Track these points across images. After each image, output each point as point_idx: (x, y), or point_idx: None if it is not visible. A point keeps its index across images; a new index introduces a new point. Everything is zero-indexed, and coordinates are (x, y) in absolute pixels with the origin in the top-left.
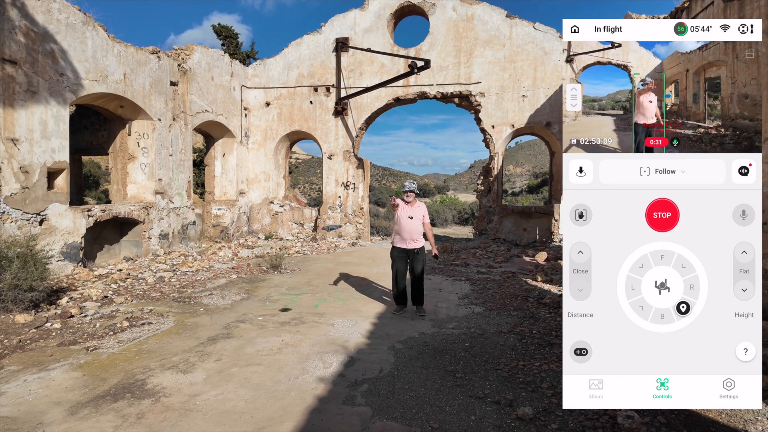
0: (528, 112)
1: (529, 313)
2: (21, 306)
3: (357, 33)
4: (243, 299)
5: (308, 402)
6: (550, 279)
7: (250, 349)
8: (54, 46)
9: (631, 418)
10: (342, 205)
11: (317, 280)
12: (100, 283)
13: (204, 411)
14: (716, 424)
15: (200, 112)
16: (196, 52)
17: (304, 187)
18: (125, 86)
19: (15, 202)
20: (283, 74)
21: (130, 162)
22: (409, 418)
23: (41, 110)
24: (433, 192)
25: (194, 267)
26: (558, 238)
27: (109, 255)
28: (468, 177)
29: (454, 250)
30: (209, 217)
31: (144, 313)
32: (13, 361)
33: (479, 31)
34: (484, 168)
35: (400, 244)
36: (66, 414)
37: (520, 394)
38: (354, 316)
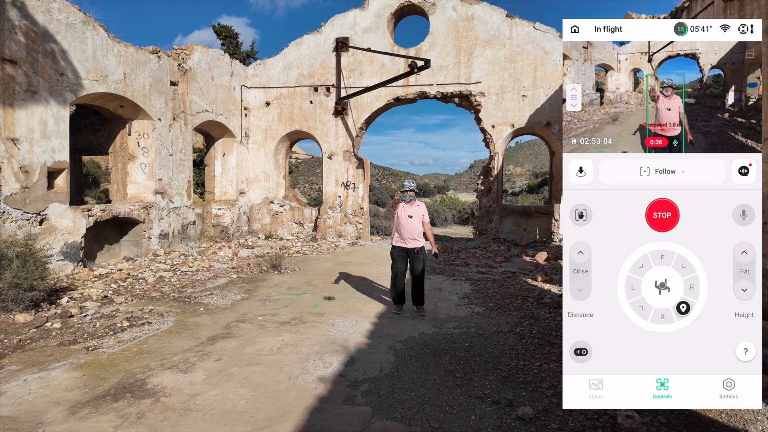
0: (528, 112)
1: (529, 312)
2: (21, 306)
3: (357, 33)
4: (243, 299)
5: (308, 402)
6: (550, 279)
7: (250, 349)
8: (54, 45)
9: (631, 418)
10: (342, 205)
11: (317, 279)
12: (100, 282)
13: (204, 411)
14: (716, 424)
15: (200, 112)
16: (196, 51)
17: (304, 187)
18: (125, 86)
19: (15, 201)
20: (283, 74)
21: (130, 162)
22: (409, 418)
23: (41, 110)
24: (433, 192)
25: (194, 267)
26: (558, 238)
27: (109, 255)
28: (468, 177)
29: (454, 250)
30: (209, 217)
31: (144, 312)
32: (13, 361)
33: (479, 31)
34: (484, 168)
35: (399, 244)
36: (66, 414)
37: (520, 394)
38: (354, 316)
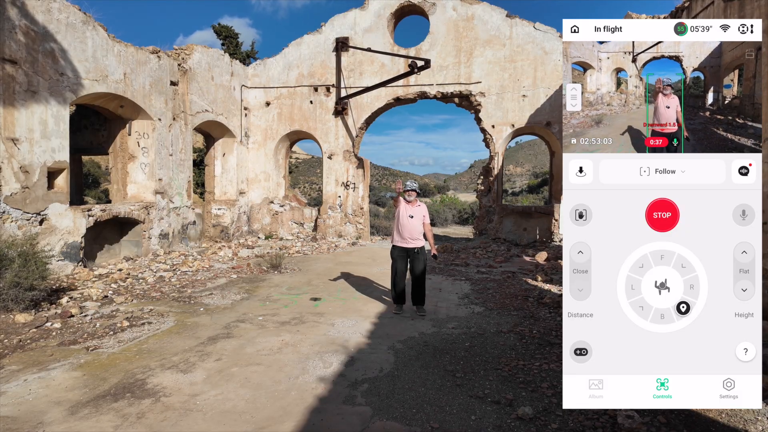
0: (528, 112)
1: (529, 312)
2: (21, 305)
3: (357, 33)
4: (243, 299)
5: (308, 402)
6: (550, 279)
7: (250, 349)
8: (54, 45)
9: (631, 418)
10: (342, 205)
11: (317, 279)
12: (100, 282)
13: (204, 411)
14: (716, 424)
15: (200, 112)
16: (196, 51)
17: (304, 187)
18: (125, 86)
19: (15, 201)
20: (284, 74)
21: (130, 162)
22: (409, 418)
23: (41, 110)
24: (434, 192)
25: (194, 267)
26: (558, 238)
27: (109, 255)
28: (468, 177)
29: (454, 250)
30: (209, 217)
31: (144, 312)
32: (13, 361)
33: (479, 31)
34: (484, 168)
35: (400, 243)
36: (66, 414)
37: (520, 394)
38: (354, 316)
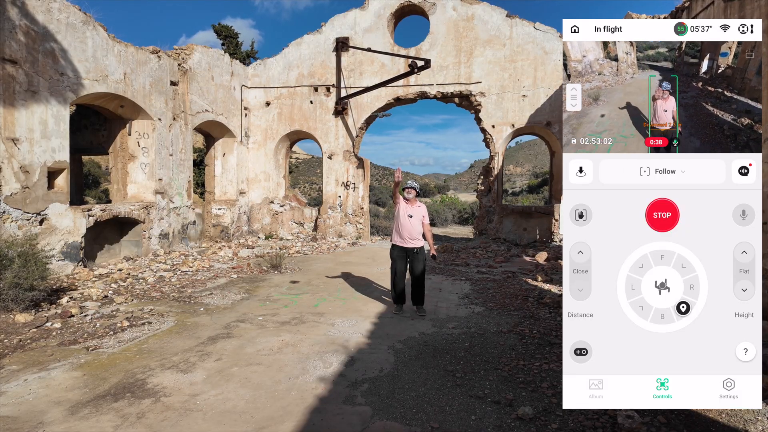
0: (528, 112)
1: (529, 312)
2: (21, 305)
3: (357, 33)
4: (243, 299)
5: (308, 402)
6: (550, 279)
7: (250, 349)
8: (54, 45)
9: (631, 418)
10: (342, 205)
11: (317, 279)
12: (100, 282)
13: (204, 411)
14: (716, 424)
15: (200, 112)
16: (196, 51)
17: (304, 187)
18: (125, 86)
19: (15, 201)
20: (284, 74)
21: (130, 162)
22: (409, 418)
23: (41, 110)
24: (434, 192)
25: (194, 267)
26: (558, 238)
27: (109, 255)
28: (468, 177)
29: (454, 250)
30: (209, 217)
31: (144, 312)
32: (13, 361)
33: (479, 31)
34: (484, 168)
35: (399, 243)
36: (66, 413)
37: (520, 394)
38: (354, 316)
